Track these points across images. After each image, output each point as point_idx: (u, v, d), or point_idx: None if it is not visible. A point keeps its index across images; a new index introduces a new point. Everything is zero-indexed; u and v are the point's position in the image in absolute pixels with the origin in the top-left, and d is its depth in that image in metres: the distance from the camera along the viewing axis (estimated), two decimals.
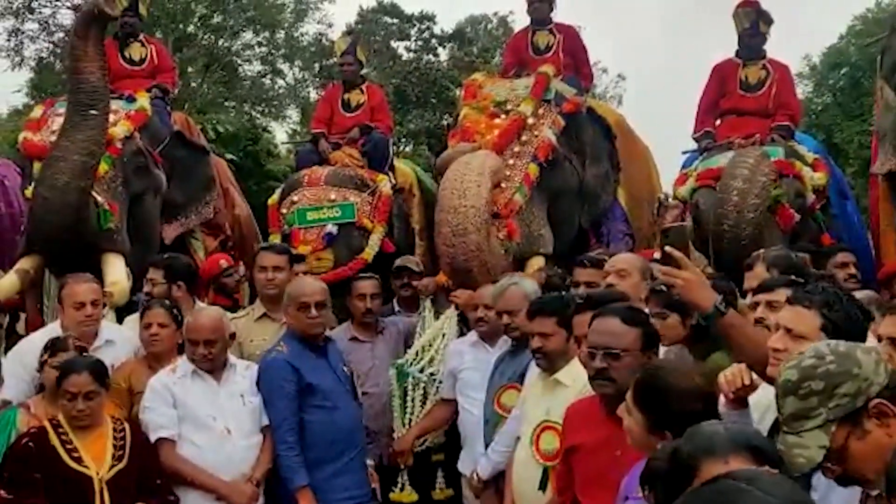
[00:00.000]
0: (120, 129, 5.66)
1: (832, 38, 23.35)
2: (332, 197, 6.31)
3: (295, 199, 6.36)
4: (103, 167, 5.32)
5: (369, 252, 6.17)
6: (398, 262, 5.67)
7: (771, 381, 2.51)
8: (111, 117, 5.61)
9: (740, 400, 2.55)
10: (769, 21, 6.69)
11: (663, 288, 3.30)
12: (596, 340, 2.74)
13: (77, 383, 3.46)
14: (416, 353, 4.86)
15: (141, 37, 7.08)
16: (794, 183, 5.89)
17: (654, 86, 35.17)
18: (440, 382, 4.68)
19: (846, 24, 22.95)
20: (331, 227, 6.14)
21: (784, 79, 6.73)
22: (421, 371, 4.76)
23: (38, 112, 6.00)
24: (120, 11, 4.79)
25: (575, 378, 3.15)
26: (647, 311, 2.81)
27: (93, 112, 4.82)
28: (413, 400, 4.75)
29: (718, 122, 6.79)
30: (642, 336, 2.72)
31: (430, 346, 4.87)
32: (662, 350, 3.23)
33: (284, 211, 6.35)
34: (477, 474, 4.00)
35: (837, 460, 1.82)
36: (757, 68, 6.67)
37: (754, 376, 2.57)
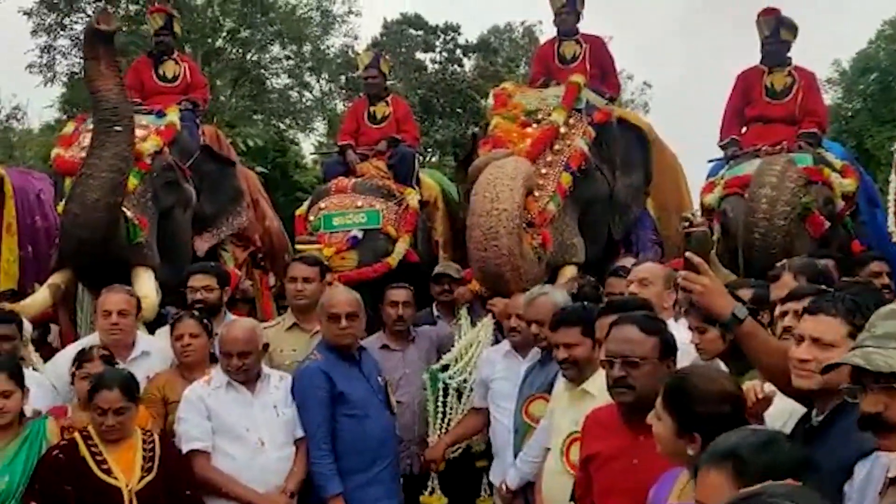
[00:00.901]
0: (149, 145, 5.72)
1: (861, 43, 23.13)
2: (359, 204, 6.40)
3: (322, 205, 6.47)
4: (133, 182, 5.38)
5: (395, 258, 6.22)
6: (438, 268, 5.69)
7: (791, 393, 2.49)
8: (141, 132, 5.71)
9: (755, 415, 2.54)
10: (791, 28, 6.65)
11: None
12: (614, 349, 2.73)
13: (108, 399, 3.48)
14: (453, 360, 4.86)
15: (175, 54, 7.22)
16: (823, 190, 5.83)
17: (678, 93, 35.02)
18: (472, 390, 4.69)
19: (876, 29, 22.71)
20: (356, 232, 6.22)
21: (810, 86, 6.69)
22: (452, 378, 4.77)
23: (69, 128, 6.09)
24: (117, 25, 4.85)
25: (601, 388, 3.12)
26: (666, 319, 2.79)
27: (117, 129, 4.87)
28: (446, 406, 4.76)
29: (744, 129, 6.75)
30: (660, 344, 2.71)
31: (465, 353, 4.88)
32: (700, 364, 3.23)
33: (312, 218, 6.44)
34: (505, 484, 3.99)
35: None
36: (783, 75, 6.64)
37: (767, 389, 2.55)
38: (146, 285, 5.09)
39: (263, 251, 7.08)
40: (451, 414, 4.76)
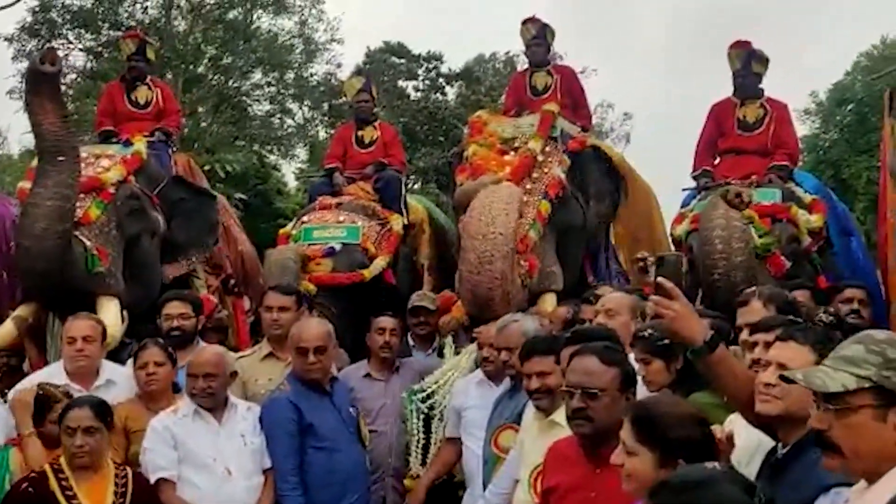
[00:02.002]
0: (112, 174, 5.74)
1: (838, 74, 23.48)
2: (341, 219, 6.47)
3: (304, 219, 6.56)
4: (95, 212, 5.41)
5: (370, 271, 6.24)
6: (413, 300, 5.64)
7: (756, 420, 2.48)
8: (106, 162, 5.80)
9: (721, 456, 2.51)
10: (762, 60, 6.71)
11: (647, 333, 3.30)
12: (574, 380, 2.71)
13: (77, 417, 3.46)
14: (433, 383, 4.83)
15: (148, 80, 7.21)
16: (787, 228, 5.86)
17: (661, 124, 35.31)
18: (440, 419, 4.65)
19: (852, 61, 23.10)
20: (334, 244, 6.26)
21: (782, 117, 6.73)
22: (423, 401, 4.75)
23: (37, 161, 6.08)
24: (59, 67, 4.86)
25: None
26: (623, 350, 2.79)
27: (60, 158, 4.87)
28: (419, 430, 4.74)
29: (718, 160, 6.80)
30: (620, 375, 2.69)
31: (444, 378, 4.85)
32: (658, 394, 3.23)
33: (294, 232, 6.48)
34: None
35: (840, 414, 1.77)
36: (755, 107, 6.69)
37: (727, 429, 2.53)
38: (109, 314, 5.05)
39: (236, 276, 7.06)
40: (421, 437, 4.73)
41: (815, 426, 1.83)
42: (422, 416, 4.76)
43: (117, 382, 4.32)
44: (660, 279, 2.63)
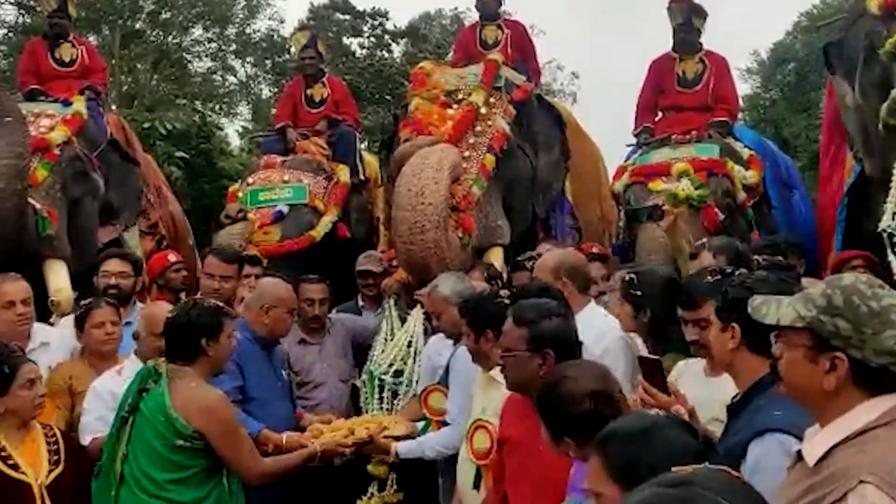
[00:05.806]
0: (57, 135, 5.65)
1: (779, 34, 23.78)
2: (286, 178, 6.40)
3: (250, 181, 6.48)
4: (42, 173, 5.34)
5: (319, 231, 6.22)
6: (361, 264, 5.57)
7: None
8: (48, 122, 5.73)
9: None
10: (703, 15, 6.73)
11: (628, 278, 3.39)
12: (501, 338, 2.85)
13: (33, 370, 3.31)
14: (390, 357, 4.74)
15: (71, 37, 7.03)
16: (723, 182, 5.90)
17: (610, 83, 35.42)
18: (408, 385, 4.57)
19: (792, 21, 23.40)
20: (281, 207, 6.20)
21: (721, 72, 6.75)
22: (386, 373, 4.66)
23: None
24: None
25: None
26: (551, 306, 2.79)
27: (7, 119, 4.81)
28: (386, 404, 4.65)
29: (660, 116, 6.82)
30: (528, 336, 2.68)
31: (402, 347, 4.75)
32: (619, 336, 3.37)
33: (240, 194, 6.39)
34: (397, 451, 3.89)
35: (783, 346, 1.81)
36: (694, 62, 6.71)
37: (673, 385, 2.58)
38: (61, 278, 5.00)
39: (167, 237, 6.96)
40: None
41: (774, 352, 1.86)
42: (388, 392, 4.65)
43: (51, 344, 4.19)
44: (644, 384, 2.67)
